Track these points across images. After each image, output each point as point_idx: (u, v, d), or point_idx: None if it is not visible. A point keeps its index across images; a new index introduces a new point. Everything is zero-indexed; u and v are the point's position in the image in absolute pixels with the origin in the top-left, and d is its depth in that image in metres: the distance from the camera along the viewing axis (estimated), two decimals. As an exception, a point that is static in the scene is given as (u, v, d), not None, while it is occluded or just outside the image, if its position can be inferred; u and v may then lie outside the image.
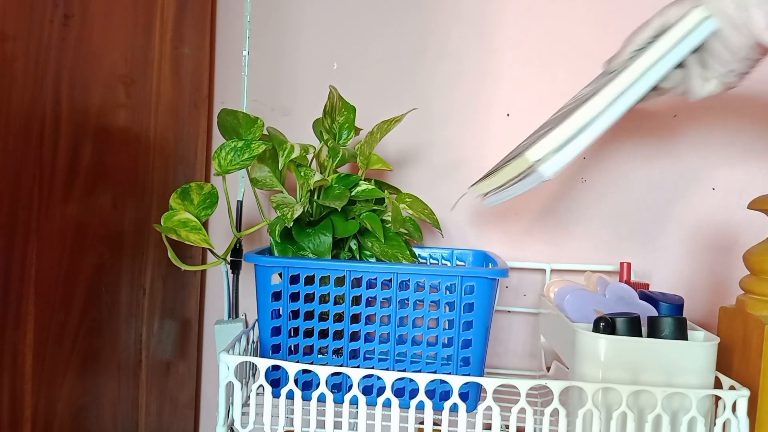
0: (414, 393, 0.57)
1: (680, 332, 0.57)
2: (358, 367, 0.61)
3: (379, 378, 0.59)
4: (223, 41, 0.91)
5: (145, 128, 0.73)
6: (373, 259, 0.68)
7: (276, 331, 0.62)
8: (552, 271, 0.83)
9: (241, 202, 0.88)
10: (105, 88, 0.65)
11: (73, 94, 0.60)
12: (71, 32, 0.59)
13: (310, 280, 0.61)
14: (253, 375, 0.67)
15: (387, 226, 0.68)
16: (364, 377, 0.58)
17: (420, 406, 0.56)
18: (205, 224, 0.64)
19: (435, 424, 0.56)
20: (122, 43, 0.68)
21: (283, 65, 0.90)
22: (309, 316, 0.61)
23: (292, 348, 0.62)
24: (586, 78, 0.84)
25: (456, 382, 0.56)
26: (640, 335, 0.57)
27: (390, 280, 0.60)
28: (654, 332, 0.57)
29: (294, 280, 0.61)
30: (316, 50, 0.89)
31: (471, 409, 0.60)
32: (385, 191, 0.70)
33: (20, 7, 0.53)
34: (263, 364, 0.57)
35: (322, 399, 0.57)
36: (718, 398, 0.55)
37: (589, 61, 0.84)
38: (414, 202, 0.75)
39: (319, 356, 0.62)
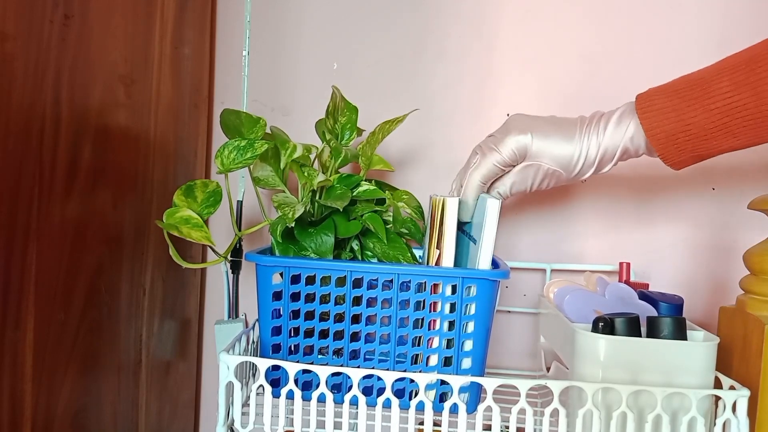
0: (414, 394, 0.57)
1: (679, 332, 0.57)
2: (358, 367, 0.61)
3: (379, 378, 0.59)
4: (223, 41, 0.91)
5: (145, 128, 0.73)
6: (374, 260, 0.68)
7: (276, 331, 0.62)
8: (552, 271, 0.83)
9: (241, 201, 0.88)
10: (105, 88, 0.65)
11: (73, 94, 0.60)
12: (71, 32, 0.59)
13: (311, 280, 0.61)
14: (253, 375, 0.67)
15: (388, 227, 0.68)
16: (364, 377, 0.58)
17: (420, 407, 0.56)
18: (206, 223, 0.64)
19: (435, 424, 0.56)
20: (122, 43, 0.68)
21: (283, 65, 0.90)
22: (309, 316, 0.61)
23: (293, 348, 0.62)
24: (586, 78, 0.84)
25: (456, 382, 0.56)
26: (640, 335, 0.57)
27: (391, 281, 0.60)
28: (653, 332, 0.57)
29: (295, 279, 0.61)
30: (316, 50, 0.89)
31: (471, 409, 0.60)
32: (386, 192, 0.70)
33: (20, 7, 0.53)
34: (263, 364, 0.57)
35: (322, 399, 0.57)
36: (718, 398, 0.55)
37: (589, 61, 0.84)
38: (410, 199, 0.75)
39: (320, 356, 0.62)
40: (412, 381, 0.58)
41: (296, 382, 0.56)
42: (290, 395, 0.56)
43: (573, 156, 0.60)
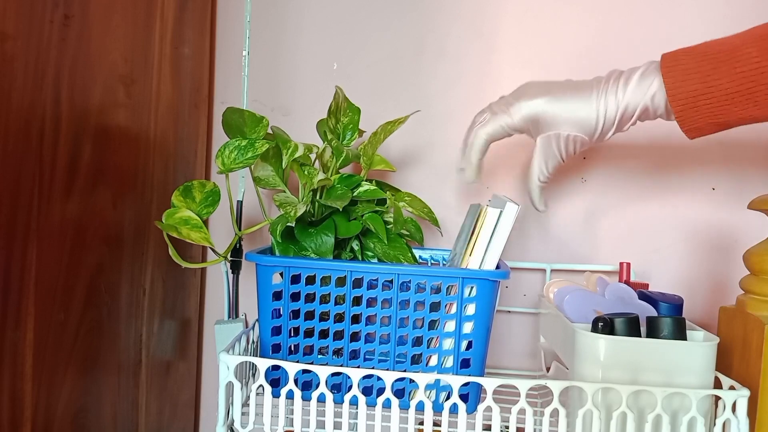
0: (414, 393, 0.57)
1: (679, 332, 0.57)
2: (358, 367, 0.61)
3: (379, 378, 0.59)
4: (223, 41, 0.91)
5: (145, 128, 0.73)
6: (374, 260, 0.68)
7: (276, 331, 0.62)
8: (552, 271, 0.83)
9: (241, 201, 0.89)
10: (105, 88, 0.65)
11: (73, 94, 0.60)
12: (71, 32, 0.59)
13: (311, 280, 0.61)
14: (253, 375, 0.67)
15: (388, 227, 0.68)
16: (364, 377, 0.58)
17: (420, 407, 0.56)
18: (205, 223, 0.64)
19: (435, 424, 0.56)
20: (122, 43, 0.68)
21: (283, 65, 0.90)
22: (309, 316, 0.61)
23: (292, 348, 0.62)
24: (586, 78, 0.84)
25: (456, 382, 0.56)
26: (639, 335, 0.57)
27: (391, 281, 0.60)
28: (653, 332, 0.57)
29: (295, 279, 0.61)
30: (316, 50, 0.89)
31: (471, 410, 0.60)
32: (387, 192, 0.70)
33: (20, 7, 0.53)
34: (263, 364, 0.57)
35: (322, 399, 0.57)
36: (717, 398, 0.55)
37: (589, 61, 0.84)
38: (413, 200, 0.75)
39: (319, 356, 0.62)
40: (412, 381, 0.58)
41: (296, 382, 0.56)
42: (290, 395, 0.56)
43: (591, 117, 0.58)
